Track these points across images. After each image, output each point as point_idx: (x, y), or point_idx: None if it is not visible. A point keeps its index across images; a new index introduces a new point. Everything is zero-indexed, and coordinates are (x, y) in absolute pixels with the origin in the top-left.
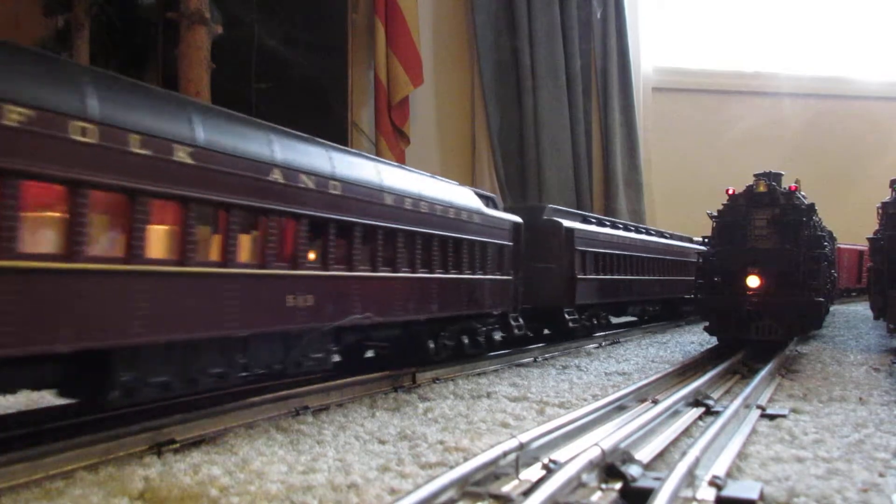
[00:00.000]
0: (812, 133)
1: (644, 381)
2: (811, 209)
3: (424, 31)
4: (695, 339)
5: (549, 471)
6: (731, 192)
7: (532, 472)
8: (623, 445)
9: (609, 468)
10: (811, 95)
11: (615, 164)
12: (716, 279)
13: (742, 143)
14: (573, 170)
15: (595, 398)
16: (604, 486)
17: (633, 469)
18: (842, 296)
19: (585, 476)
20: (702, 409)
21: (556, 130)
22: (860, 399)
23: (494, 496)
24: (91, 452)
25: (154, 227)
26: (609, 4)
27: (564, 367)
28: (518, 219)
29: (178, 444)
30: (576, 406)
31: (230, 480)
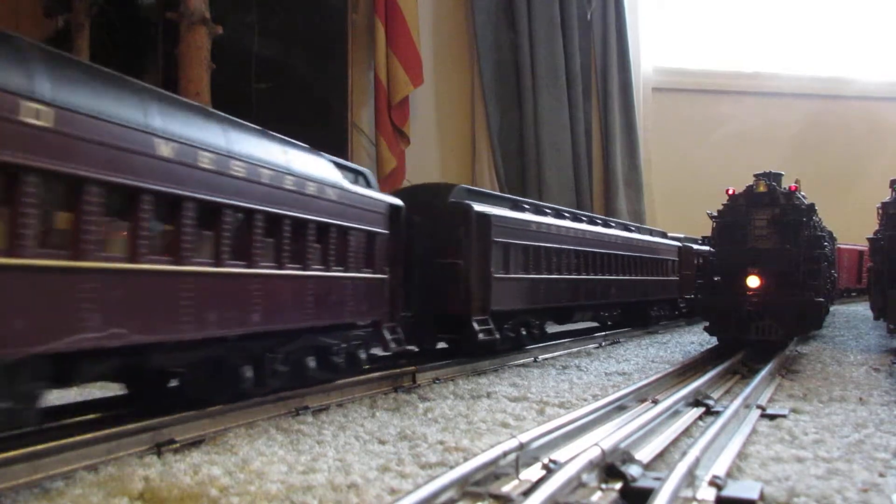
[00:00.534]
0: (812, 133)
1: (644, 382)
2: (811, 209)
3: (424, 31)
4: (695, 340)
5: (549, 471)
6: (731, 192)
7: (532, 472)
8: (623, 445)
9: (609, 468)
10: (811, 95)
11: (615, 165)
12: (716, 279)
13: (742, 143)
14: (573, 170)
15: (595, 398)
16: (604, 486)
17: (633, 469)
18: (842, 296)
19: (585, 476)
20: (702, 409)
21: (556, 130)
22: (860, 399)
23: (494, 496)
24: (91, 452)
25: None
26: (609, 4)
27: (564, 368)
28: (397, 200)
29: (178, 444)
30: (576, 406)
31: (230, 480)
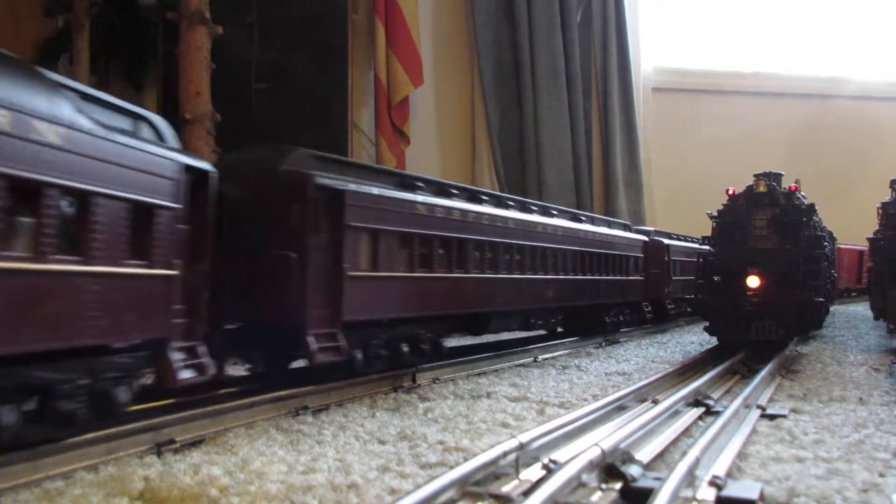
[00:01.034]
0: (812, 133)
1: (644, 381)
2: (811, 209)
3: (424, 31)
4: (695, 339)
5: (549, 471)
6: (731, 192)
7: (532, 472)
8: (623, 445)
9: (609, 468)
10: (811, 95)
11: (615, 165)
12: (716, 279)
13: (742, 144)
14: (573, 170)
15: (595, 398)
16: (604, 486)
17: (633, 469)
18: (842, 296)
19: (585, 476)
20: (702, 409)
21: (556, 130)
22: (860, 399)
23: (494, 496)
24: (91, 452)
25: None
26: (609, 4)
27: (564, 368)
28: (201, 162)
29: (178, 444)
30: (576, 406)
31: (230, 480)
